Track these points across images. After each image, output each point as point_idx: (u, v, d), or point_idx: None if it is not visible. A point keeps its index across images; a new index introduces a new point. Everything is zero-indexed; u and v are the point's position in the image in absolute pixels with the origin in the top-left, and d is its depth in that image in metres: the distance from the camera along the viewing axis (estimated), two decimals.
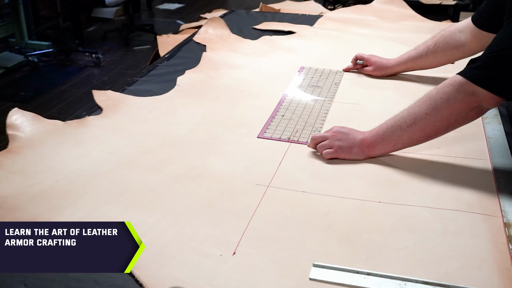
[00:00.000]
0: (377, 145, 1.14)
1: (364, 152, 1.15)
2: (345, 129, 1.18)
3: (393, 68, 1.57)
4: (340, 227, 0.94)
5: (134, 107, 1.39)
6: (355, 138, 1.15)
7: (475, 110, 1.05)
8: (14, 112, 1.26)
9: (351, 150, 1.15)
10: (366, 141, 1.14)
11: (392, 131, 1.12)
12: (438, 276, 0.83)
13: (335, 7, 3.91)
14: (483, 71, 1.01)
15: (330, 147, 1.15)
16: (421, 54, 1.50)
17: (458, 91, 1.03)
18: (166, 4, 6.18)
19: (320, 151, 1.17)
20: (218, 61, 1.72)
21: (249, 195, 1.04)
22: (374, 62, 1.60)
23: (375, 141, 1.14)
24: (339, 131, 1.17)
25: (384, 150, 1.15)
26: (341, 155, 1.15)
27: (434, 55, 1.46)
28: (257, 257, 0.87)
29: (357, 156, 1.15)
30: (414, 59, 1.52)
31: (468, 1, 3.53)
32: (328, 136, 1.17)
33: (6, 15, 4.20)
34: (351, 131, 1.18)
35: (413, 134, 1.10)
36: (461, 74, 1.04)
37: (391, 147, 1.14)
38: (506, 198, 1.01)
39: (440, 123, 1.07)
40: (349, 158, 1.15)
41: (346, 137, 1.16)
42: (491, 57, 1.01)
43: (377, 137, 1.14)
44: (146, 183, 1.07)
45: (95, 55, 4.27)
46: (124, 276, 0.82)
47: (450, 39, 1.42)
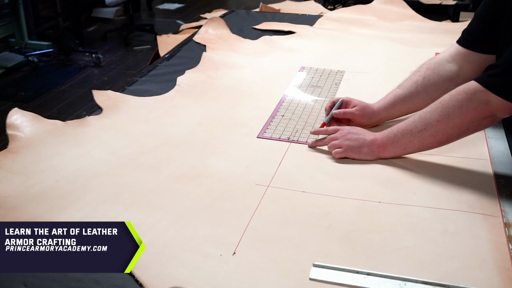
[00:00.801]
0: (387, 147, 1.13)
1: (374, 153, 1.14)
2: (355, 129, 1.18)
3: (380, 114, 1.28)
4: (340, 227, 0.94)
5: (134, 107, 1.39)
6: (365, 139, 1.15)
7: (488, 119, 1.02)
8: (14, 112, 1.26)
9: (361, 150, 1.14)
10: (376, 142, 1.14)
11: (403, 135, 1.10)
12: (438, 276, 0.83)
13: (335, 7, 3.91)
14: (500, 78, 0.98)
15: (340, 146, 1.15)
16: (410, 92, 1.26)
17: (471, 99, 1.00)
18: (166, 4, 6.18)
19: (330, 150, 1.17)
20: (218, 61, 1.72)
21: (249, 195, 1.04)
22: (357, 103, 1.29)
23: (385, 143, 1.13)
24: (349, 131, 1.17)
25: (394, 153, 1.13)
26: (350, 154, 1.14)
27: (425, 91, 1.24)
28: (257, 257, 0.87)
29: (367, 156, 1.14)
30: (403, 99, 1.26)
31: (468, 1, 3.53)
32: (338, 136, 1.17)
33: (6, 15, 4.19)
34: (362, 131, 1.17)
35: (424, 140, 1.08)
36: (477, 80, 1.01)
37: (401, 151, 1.12)
38: (506, 198, 1.01)
39: (451, 131, 1.05)
40: (359, 158, 1.14)
41: (357, 137, 1.15)
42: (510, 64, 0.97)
43: (388, 139, 1.13)
44: (146, 183, 1.07)
45: (95, 55, 4.27)
46: (124, 276, 0.82)
47: (440, 70, 1.24)
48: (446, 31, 2.05)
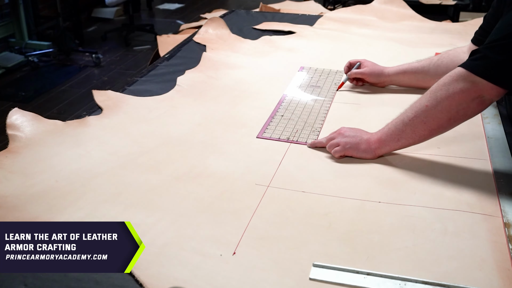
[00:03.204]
0: (382, 141, 1.15)
1: (371, 149, 1.15)
2: (353, 129, 1.20)
3: (390, 76, 1.49)
4: (340, 227, 0.94)
5: (134, 107, 1.39)
6: (362, 136, 1.17)
7: (476, 101, 1.04)
8: (14, 112, 1.26)
9: (358, 147, 1.16)
10: (373, 138, 1.16)
11: (396, 126, 1.13)
12: (438, 276, 0.83)
13: (335, 7, 3.91)
14: (482, 61, 1.02)
15: (338, 145, 1.17)
16: (422, 66, 1.44)
17: (457, 80, 1.04)
18: (166, 4, 6.18)
19: (329, 150, 1.18)
20: (218, 61, 1.72)
21: (249, 195, 1.04)
22: (369, 64, 1.52)
23: (380, 137, 1.15)
24: (346, 130, 1.19)
25: (390, 147, 1.15)
26: (349, 152, 1.16)
27: (436, 70, 1.40)
28: (257, 257, 0.87)
29: (365, 153, 1.15)
30: (414, 70, 1.45)
31: (468, 1, 3.53)
32: (335, 135, 1.19)
33: (6, 15, 4.20)
34: (359, 130, 1.19)
35: (416, 127, 1.10)
36: (461, 65, 1.05)
37: (396, 143, 1.14)
38: (506, 198, 1.01)
39: (440, 115, 1.07)
40: (357, 156, 1.16)
41: (354, 134, 1.17)
42: (490, 47, 1.02)
43: (382, 133, 1.15)
44: (146, 183, 1.07)
45: (95, 55, 4.27)
46: (124, 276, 0.82)
47: (454, 57, 1.38)
48: (446, 31, 2.05)
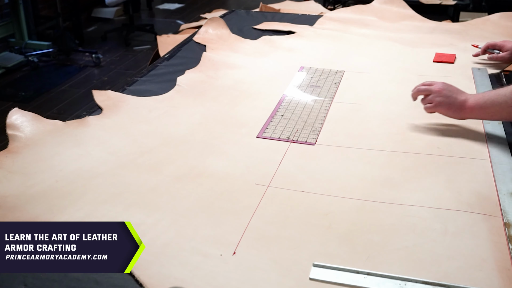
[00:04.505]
0: (474, 111, 1.20)
1: (461, 113, 1.21)
2: (451, 87, 1.24)
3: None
4: (340, 227, 0.94)
5: (134, 107, 1.39)
6: (457, 98, 1.22)
7: None
8: (14, 112, 1.26)
9: (449, 107, 1.21)
10: (466, 104, 1.20)
11: (492, 105, 1.16)
12: (438, 276, 0.83)
13: (335, 7, 3.91)
14: None
15: (431, 102, 1.23)
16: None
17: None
18: (166, 4, 6.18)
19: (422, 103, 1.26)
20: (218, 61, 1.72)
21: (249, 195, 1.04)
22: (510, 48, 1.58)
23: (474, 107, 1.19)
24: (444, 88, 1.24)
25: (480, 117, 1.22)
26: (439, 110, 1.23)
27: None
28: (257, 257, 0.87)
29: (454, 114, 1.22)
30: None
31: (468, 1, 3.53)
32: (432, 90, 1.24)
33: (6, 15, 4.19)
34: (456, 89, 1.24)
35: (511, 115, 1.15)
36: None
37: (487, 117, 1.21)
38: (506, 198, 1.01)
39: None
40: (446, 115, 1.23)
41: (449, 95, 1.22)
42: None
43: (477, 104, 1.19)
44: (146, 183, 1.07)
45: (95, 55, 4.27)
46: (124, 276, 0.82)
47: None
48: (446, 31, 2.05)
